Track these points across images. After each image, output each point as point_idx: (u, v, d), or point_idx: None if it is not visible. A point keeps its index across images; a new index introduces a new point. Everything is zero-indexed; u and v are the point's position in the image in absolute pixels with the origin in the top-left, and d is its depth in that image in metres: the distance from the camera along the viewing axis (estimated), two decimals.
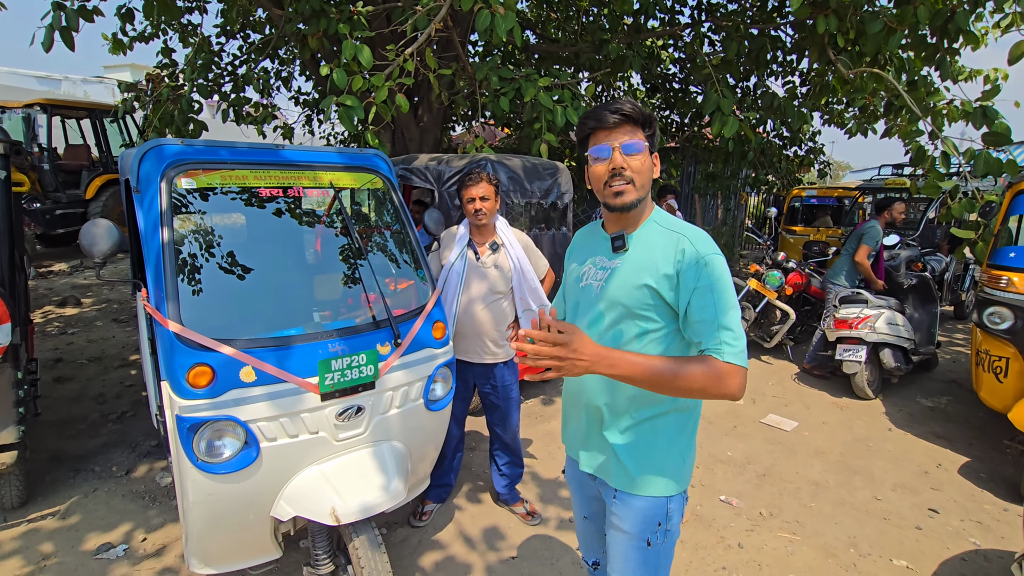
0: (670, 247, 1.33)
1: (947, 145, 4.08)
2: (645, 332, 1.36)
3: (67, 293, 6.93)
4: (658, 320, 1.35)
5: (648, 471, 1.40)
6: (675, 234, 1.35)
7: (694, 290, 1.28)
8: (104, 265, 1.94)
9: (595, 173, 1.37)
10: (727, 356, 1.23)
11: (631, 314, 1.36)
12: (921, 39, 4.54)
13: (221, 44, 6.42)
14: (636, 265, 1.37)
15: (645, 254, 1.37)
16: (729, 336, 1.25)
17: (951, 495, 3.27)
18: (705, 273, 1.28)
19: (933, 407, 4.60)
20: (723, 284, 1.28)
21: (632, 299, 1.35)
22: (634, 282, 1.35)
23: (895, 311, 4.76)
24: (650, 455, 1.41)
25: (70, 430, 3.66)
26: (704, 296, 1.27)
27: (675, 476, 1.42)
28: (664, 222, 1.40)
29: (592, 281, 1.46)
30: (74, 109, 9.44)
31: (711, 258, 1.29)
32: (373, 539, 1.93)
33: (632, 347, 1.36)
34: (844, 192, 9.28)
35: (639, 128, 1.35)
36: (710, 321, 1.26)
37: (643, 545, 1.42)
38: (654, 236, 1.38)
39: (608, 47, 5.78)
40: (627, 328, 1.38)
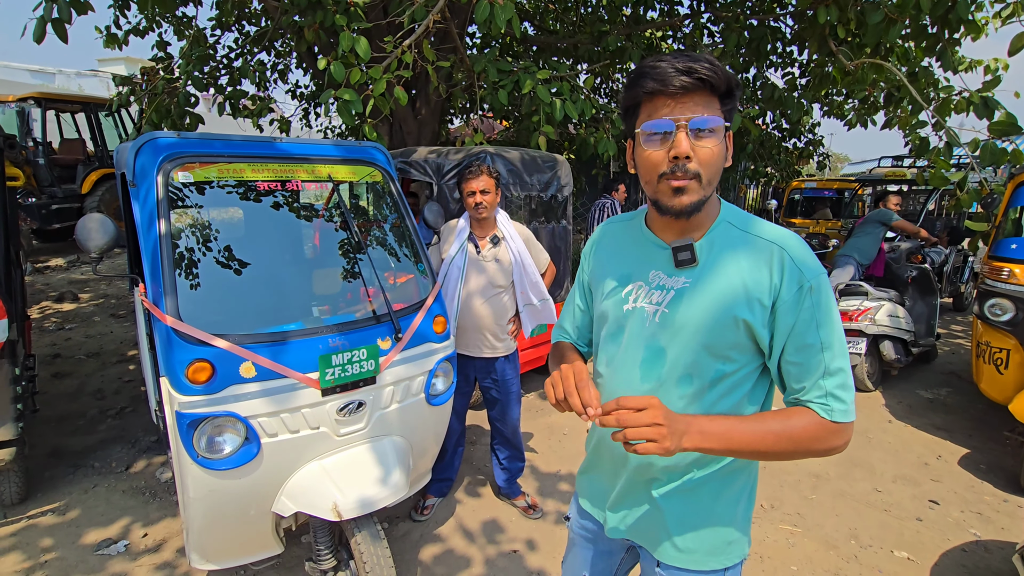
0: (761, 263, 1.00)
1: (950, 136, 4.06)
2: (722, 376, 1.04)
3: (64, 288, 6.90)
4: (739, 360, 1.04)
5: (708, 540, 1.12)
6: (765, 242, 1.01)
7: (794, 325, 0.98)
8: (100, 260, 1.92)
9: (648, 160, 0.99)
10: (836, 415, 0.97)
11: (709, 352, 1.03)
12: (922, 29, 4.51)
13: (217, 37, 6.36)
14: (718, 287, 1.02)
15: (726, 271, 1.02)
16: (837, 386, 0.98)
17: (951, 486, 3.28)
18: (810, 302, 0.98)
19: (933, 399, 4.61)
20: (832, 316, 0.99)
21: (714, 334, 1.02)
22: (718, 311, 1.01)
23: (895, 303, 4.76)
24: (711, 518, 1.12)
25: (69, 426, 3.65)
26: (807, 333, 0.98)
27: (737, 547, 1.14)
28: (742, 222, 1.06)
29: (645, 304, 1.09)
30: (69, 103, 9.36)
31: (818, 280, 0.98)
32: (375, 534, 1.93)
33: (705, 395, 1.05)
34: (843, 184, 9.27)
35: (716, 98, 0.96)
36: (814, 367, 0.98)
37: None
38: (733, 244, 1.03)
39: (607, 39, 5.75)
40: (701, 371, 1.04)
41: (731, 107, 0.99)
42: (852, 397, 0.99)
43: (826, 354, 0.98)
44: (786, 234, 1.03)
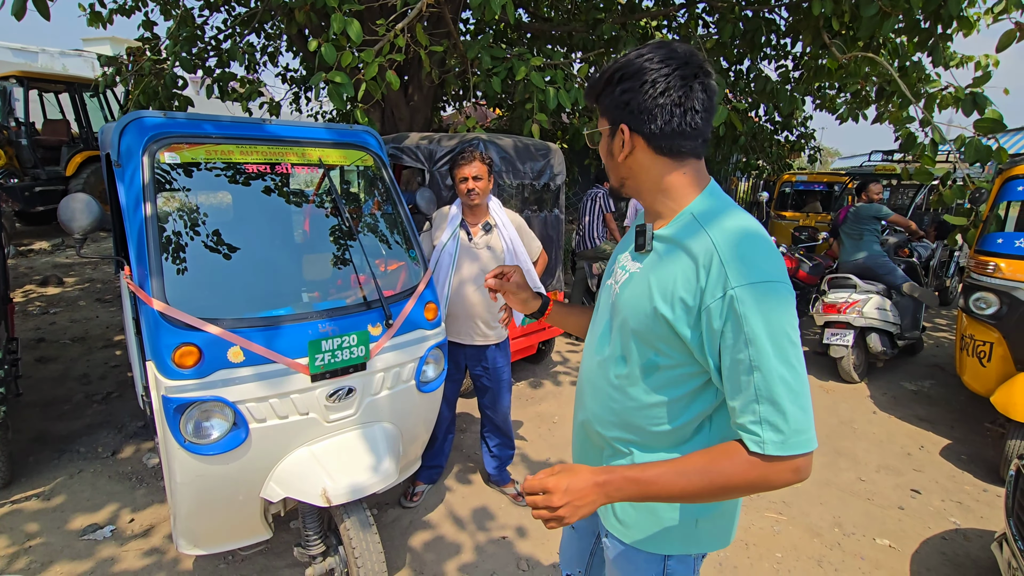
0: (696, 260, 0.93)
1: (935, 132, 4.09)
2: (656, 367, 1.01)
3: (49, 272, 6.79)
4: (675, 356, 0.99)
5: (646, 524, 1.10)
6: (707, 239, 0.93)
7: (721, 335, 0.90)
8: (85, 242, 1.88)
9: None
10: (769, 447, 0.87)
11: (641, 339, 1.02)
12: (915, 24, 4.52)
13: (205, 17, 6.23)
14: (654, 276, 0.99)
15: (669, 263, 0.98)
16: (772, 414, 0.87)
17: (933, 476, 3.34)
18: (736, 314, 0.87)
19: (917, 391, 4.68)
20: (764, 332, 0.87)
21: (639, 322, 1.01)
22: (643, 300, 1.00)
23: (883, 296, 4.81)
24: (647, 506, 1.10)
25: (54, 411, 3.60)
26: (735, 348, 0.88)
27: (683, 536, 1.10)
28: (704, 214, 0.98)
29: (612, 283, 1.13)
30: (52, 83, 9.16)
31: (743, 292, 0.87)
32: (364, 520, 1.93)
33: (639, 381, 1.04)
34: (834, 178, 9.32)
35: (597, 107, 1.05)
36: (744, 387, 0.89)
37: None
38: (686, 238, 0.97)
39: (602, 27, 5.70)
40: (633, 355, 1.04)
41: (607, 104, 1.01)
42: (796, 424, 0.86)
43: (756, 376, 0.87)
44: (730, 233, 0.93)
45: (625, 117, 0.98)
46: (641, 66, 0.95)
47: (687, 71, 0.95)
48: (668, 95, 0.95)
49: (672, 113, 0.96)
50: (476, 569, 2.43)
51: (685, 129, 0.97)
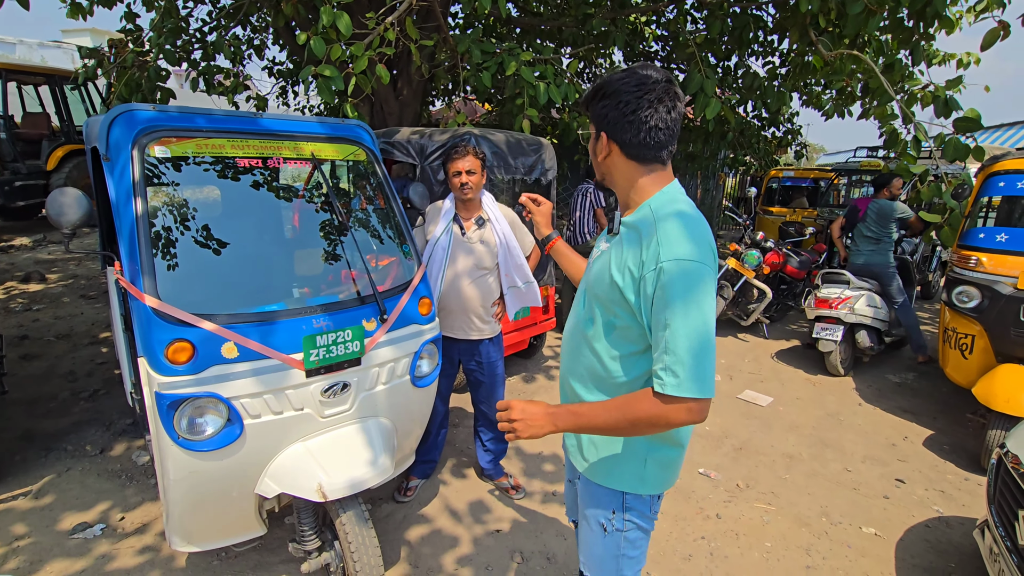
0: (643, 239, 1.17)
1: (918, 130, 4.16)
2: (613, 327, 1.25)
3: (31, 268, 6.66)
4: (625, 318, 1.21)
5: (605, 462, 1.34)
6: (653, 224, 1.16)
7: (652, 300, 1.12)
8: (73, 236, 1.85)
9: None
10: (667, 388, 1.08)
11: (603, 304, 1.26)
12: (899, 22, 4.58)
13: (189, 9, 6.13)
14: (615, 252, 1.24)
15: (626, 243, 1.22)
16: (672, 362, 1.08)
17: (916, 466, 3.41)
18: (661, 282, 1.10)
19: (900, 383, 4.77)
20: (678, 298, 1.08)
21: (601, 288, 1.25)
22: (605, 273, 1.24)
23: (874, 293, 4.87)
24: (606, 446, 1.34)
25: (40, 408, 3.55)
26: (658, 310, 1.11)
27: (633, 474, 1.32)
28: (658, 205, 1.20)
29: (591, 260, 1.40)
30: (32, 75, 8.95)
31: (670, 265, 1.09)
32: (360, 515, 1.93)
33: (601, 338, 1.28)
34: (820, 174, 9.43)
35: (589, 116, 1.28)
36: (659, 341, 1.11)
37: (599, 530, 1.38)
38: (641, 224, 1.20)
39: (591, 22, 5.71)
40: (598, 317, 1.28)
41: (593, 114, 1.24)
42: (692, 372, 1.07)
43: (667, 332, 1.09)
44: (670, 220, 1.15)
45: (604, 127, 1.22)
46: (617, 88, 1.17)
47: (654, 96, 1.15)
48: (636, 114, 1.16)
49: (639, 129, 1.17)
50: (471, 561, 2.44)
51: (649, 142, 1.18)
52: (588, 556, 1.44)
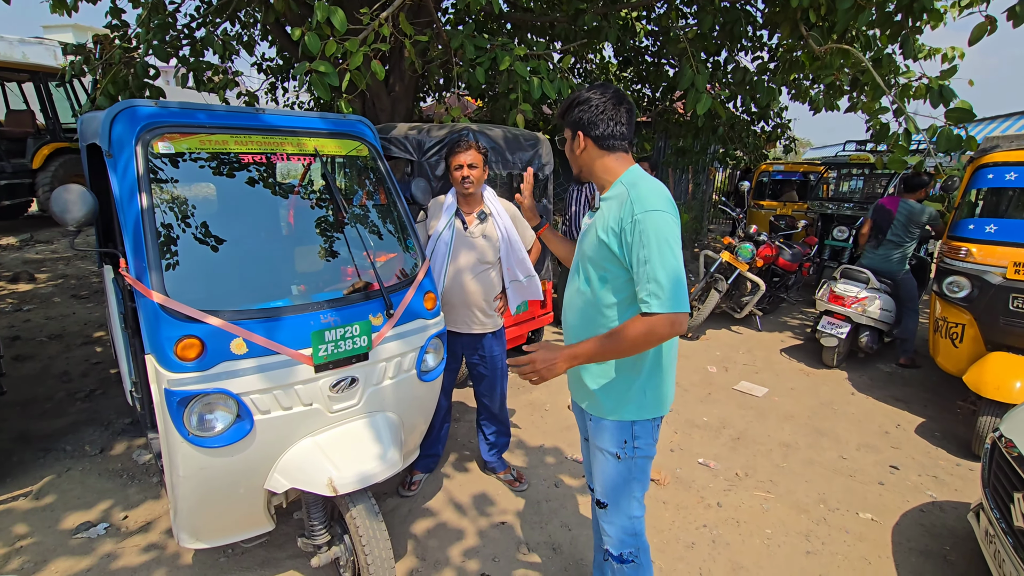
0: (618, 203, 1.51)
1: (910, 123, 4.22)
2: (605, 279, 1.57)
3: (19, 268, 6.57)
4: (614, 270, 1.53)
5: (613, 400, 1.63)
6: (624, 191, 1.52)
7: (632, 245, 1.44)
8: (78, 234, 1.84)
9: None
10: (653, 307, 1.40)
11: (593, 263, 1.59)
12: (888, 16, 4.63)
13: (177, 5, 6.04)
14: (599, 220, 1.57)
15: (606, 211, 1.56)
16: (655, 287, 1.40)
17: (909, 453, 3.48)
18: (638, 230, 1.43)
19: (892, 373, 4.85)
20: (653, 238, 1.41)
21: (592, 250, 1.58)
22: (593, 235, 1.57)
23: (888, 295, 4.84)
24: (613, 385, 1.63)
25: (35, 409, 3.51)
26: (637, 251, 1.43)
27: (637, 405, 1.62)
28: (628, 181, 1.55)
29: (582, 236, 1.71)
30: (15, 72, 8.81)
31: (643, 216, 1.43)
32: (371, 508, 1.94)
33: (598, 290, 1.59)
34: (810, 168, 9.53)
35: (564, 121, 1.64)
36: (642, 275, 1.42)
37: (614, 458, 1.67)
38: (616, 194, 1.55)
39: (583, 17, 5.71)
40: (592, 275, 1.60)
41: (569, 120, 1.60)
42: (670, 293, 1.39)
43: (648, 267, 1.41)
44: (645, 184, 1.51)
45: (580, 127, 1.58)
46: (588, 96, 1.57)
47: (615, 100, 1.56)
48: (604, 113, 1.55)
49: (607, 124, 1.56)
50: (478, 553, 2.46)
51: (616, 134, 1.57)
52: (603, 484, 1.71)
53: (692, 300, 5.71)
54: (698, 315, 5.48)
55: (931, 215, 4.70)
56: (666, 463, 3.25)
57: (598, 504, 1.77)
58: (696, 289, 5.66)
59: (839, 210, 7.63)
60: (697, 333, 5.72)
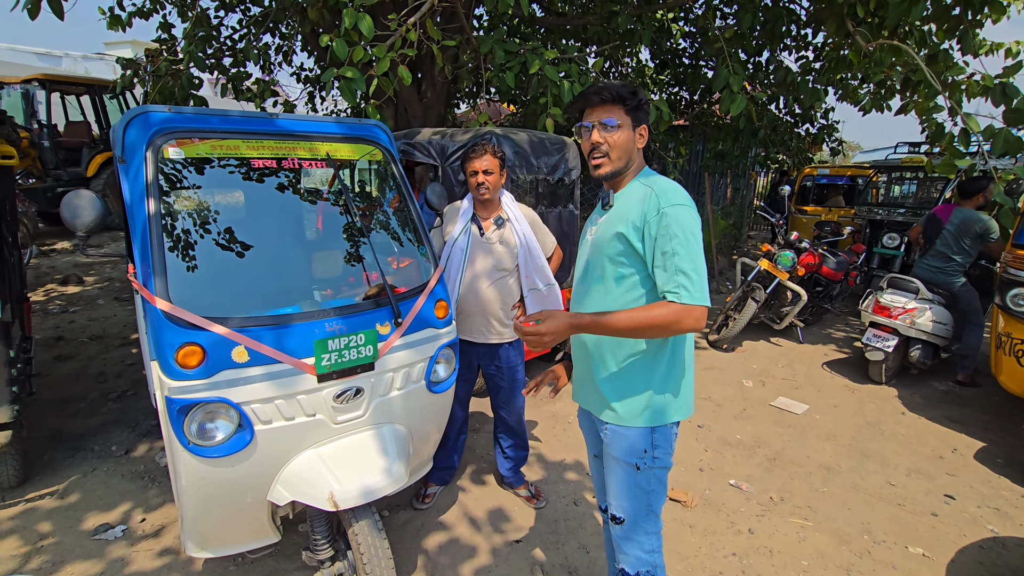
0: (640, 198, 1.50)
1: (969, 122, 3.91)
2: (622, 276, 1.54)
3: (69, 271, 6.88)
4: (631, 266, 1.52)
5: (630, 406, 1.58)
6: (647, 188, 1.51)
7: (656, 238, 1.44)
8: (88, 238, 1.85)
9: (583, 146, 1.59)
10: (683, 297, 1.39)
11: (610, 260, 1.55)
12: (944, 10, 4.33)
13: (220, 18, 6.25)
14: (615, 217, 1.55)
15: (623, 207, 1.54)
16: (685, 279, 1.40)
17: (967, 481, 3.19)
18: (664, 223, 1.43)
19: (947, 391, 4.50)
20: (680, 232, 1.41)
21: (609, 247, 1.54)
22: (611, 232, 1.54)
23: (943, 307, 4.45)
24: (630, 391, 1.58)
25: (70, 409, 3.62)
26: (663, 243, 1.43)
27: (656, 410, 1.57)
28: (646, 180, 1.54)
29: (588, 236, 1.69)
30: (73, 85, 9.29)
31: (670, 209, 1.43)
32: (373, 524, 1.87)
33: (612, 290, 1.56)
34: (857, 171, 9.07)
35: (619, 105, 1.51)
36: (669, 268, 1.42)
37: (632, 469, 1.60)
38: (634, 191, 1.55)
39: (617, 19, 5.59)
40: (607, 272, 1.57)
41: (634, 107, 1.52)
42: (698, 287, 1.40)
43: (676, 258, 1.41)
44: (666, 181, 1.51)
45: (645, 120, 1.57)
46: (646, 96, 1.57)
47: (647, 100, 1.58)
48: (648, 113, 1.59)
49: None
50: (490, 573, 2.36)
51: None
52: (620, 498, 1.64)
53: (728, 309, 5.46)
54: (734, 325, 5.23)
55: (986, 227, 4.23)
56: (694, 483, 3.07)
57: (614, 520, 1.68)
58: (732, 298, 5.41)
59: (889, 216, 7.20)
60: (733, 345, 5.46)
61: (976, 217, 4.29)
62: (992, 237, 4.23)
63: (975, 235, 4.28)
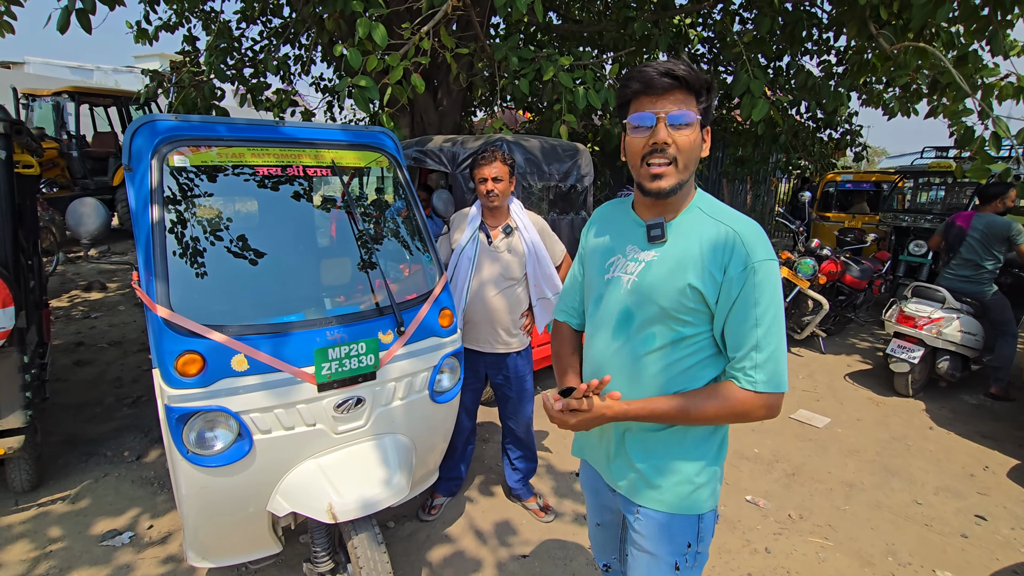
0: (718, 243, 1.15)
1: (999, 125, 3.76)
2: (681, 338, 1.19)
3: (93, 278, 7.04)
4: (698, 326, 1.19)
5: (679, 488, 1.25)
6: (724, 227, 1.15)
7: (735, 300, 1.13)
8: (92, 246, 1.86)
9: (632, 146, 1.17)
10: (759, 384, 1.12)
11: (667, 316, 1.19)
12: (972, 10, 4.19)
13: (242, 30, 6.38)
14: (677, 260, 1.18)
15: (688, 247, 1.17)
16: (761, 359, 1.12)
17: (1000, 500, 3.03)
18: (751, 283, 1.11)
19: (979, 404, 4.31)
20: (768, 298, 1.12)
21: (671, 300, 1.17)
22: (675, 280, 1.17)
23: (972, 317, 4.27)
24: (679, 469, 1.25)
25: (86, 413, 3.67)
26: (745, 309, 1.12)
27: (706, 491, 1.26)
28: (710, 209, 1.21)
29: (621, 274, 1.27)
30: (101, 97, 9.56)
31: (761, 265, 1.12)
32: (373, 537, 1.83)
33: (665, 354, 1.21)
34: (882, 177, 8.84)
35: (692, 96, 1.14)
36: (744, 340, 1.13)
37: (670, 569, 1.28)
38: (699, 226, 1.19)
39: (633, 25, 5.54)
40: (660, 332, 1.20)
41: (707, 105, 1.15)
42: (776, 369, 1.12)
43: (759, 330, 1.12)
44: (745, 220, 1.17)
45: (710, 120, 1.19)
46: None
47: None
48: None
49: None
50: None
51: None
52: None
53: None
54: None
55: (1018, 230, 4.09)
56: None
57: None
58: None
59: (916, 223, 6.99)
60: None
61: (1003, 221, 4.15)
62: (1020, 240, 4.08)
63: (1004, 239, 4.13)
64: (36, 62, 17.41)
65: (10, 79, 13.31)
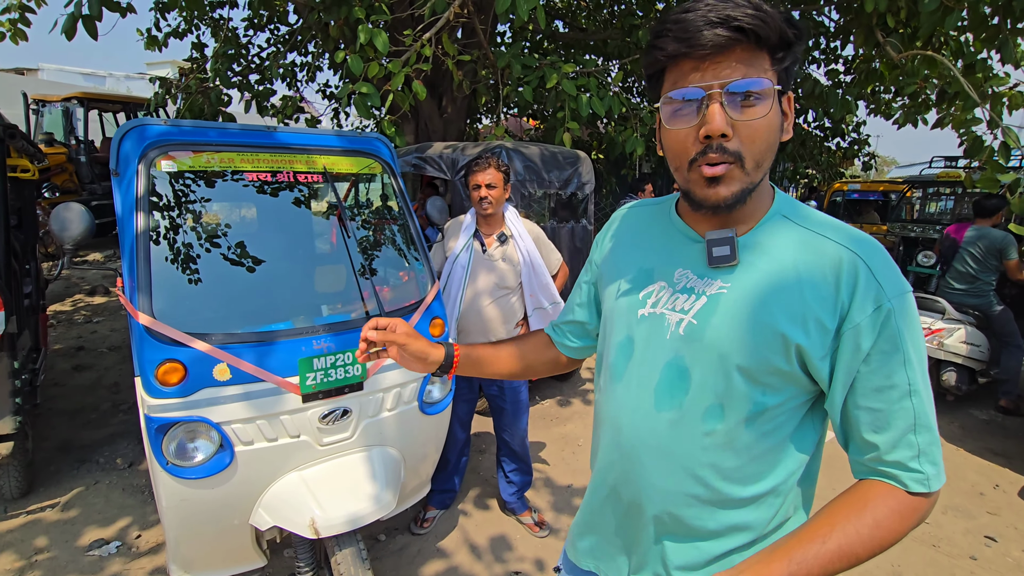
0: (827, 271, 0.75)
1: (1009, 135, 3.70)
2: (762, 410, 0.79)
3: (97, 282, 7.06)
4: (783, 390, 0.79)
5: None
6: (832, 244, 0.76)
7: (868, 358, 0.74)
8: (75, 252, 1.83)
9: (673, 141, 0.77)
10: (932, 482, 0.75)
11: (749, 379, 0.78)
12: (982, 19, 4.13)
13: (249, 37, 6.43)
14: (764, 296, 0.77)
15: (779, 278, 0.77)
16: (924, 442, 0.74)
17: (1011, 521, 2.94)
18: (892, 330, 0.73)
19: (988, 420, 4.21)
20: (921, 350, 0.75)
21: (755, 357, 0.77)
22: (763, 328, 0.76)
23: (974, 328, 4.17)
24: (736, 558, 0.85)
25: (81, 419, 3.65)
26: (887, 372, 0.73)
27: None
28: (804, 218, 0.81)
29: (666, 311, 0.84)
30: (110, 103, 9.65)
31: (902, 301, 0.73)
32: (358, 553, 1.78)
33: (739, 434, 0.80)
34: (890, 186, 8.74)
35: (765, 52, 0.72)
36: (900, 416, 0.74)
37: None
38: (788, 242, 0.79)
39: (638, 33, 5.52)
40: (735, 402, 0.79)
41: (789, 63, 0.74)
42: (940, 454, 0.76)
43: (915, 400, 0.73)
44: (863, 237, 0.77)
45: (791, 85, 0.77)
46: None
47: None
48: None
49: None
50: None
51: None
52: None
53: None
54: None
55: (1009, 250, 4.00)
56: None
57: None
58: None
59: (924, 233, 6.88)
60: None
61: (998, 234, 4.10)
62: (1011, 254, 4.04)
63: (996, 251, 4.10)
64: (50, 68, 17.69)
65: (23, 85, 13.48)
